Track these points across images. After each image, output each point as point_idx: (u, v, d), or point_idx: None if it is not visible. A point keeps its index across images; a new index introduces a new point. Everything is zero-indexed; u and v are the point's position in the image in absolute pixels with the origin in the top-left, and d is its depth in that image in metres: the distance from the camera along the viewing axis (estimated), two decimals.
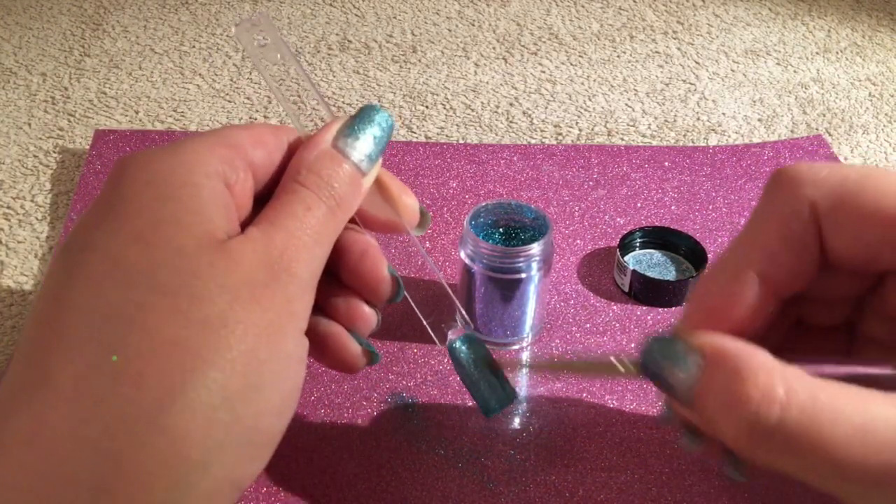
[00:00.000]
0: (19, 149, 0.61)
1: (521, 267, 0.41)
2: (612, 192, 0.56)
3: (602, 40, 0.78)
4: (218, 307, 0.23)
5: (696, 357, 0.22)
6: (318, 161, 0.27)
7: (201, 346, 0.22)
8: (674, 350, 0.23)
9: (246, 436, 0.23)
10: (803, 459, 0.20)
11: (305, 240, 0.25)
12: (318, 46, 0.75)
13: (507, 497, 0.37)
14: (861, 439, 0.20)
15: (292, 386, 0.25)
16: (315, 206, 0.26)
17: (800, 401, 0.20)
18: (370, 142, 0.29)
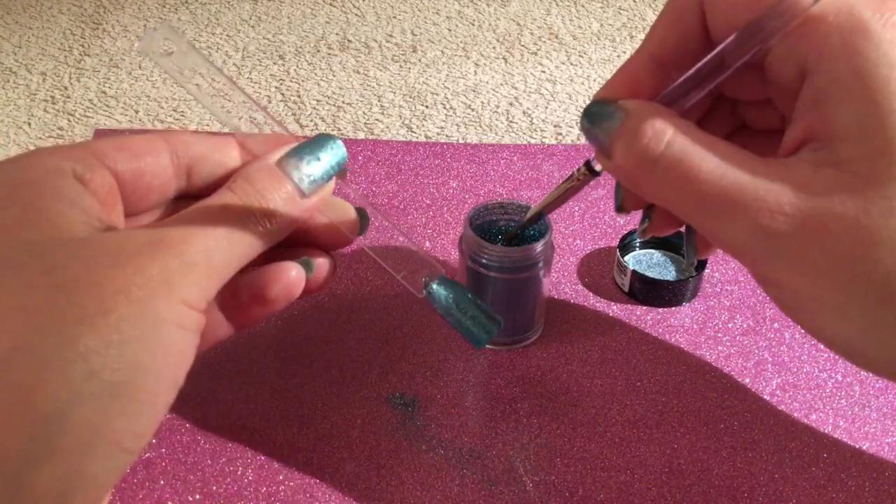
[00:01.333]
0: (19, 148, 0.61)
1: (522, 267, 0.41)
2: (612, 192, 0.56)
3: (602, 40, 0.78)
4: (71, 272, 0.23)
5: (621, 112, 0.27)
6: (255, 173, 0.28)
7: (50, 306, 0.22)
8: (606, 108, 0.28)
9: (109, 390, 0.23)
10: (675, 188, 0.25)
11: (206, 227, 0.25)
12: (318, 46, 0.75)
13: (507, 497, 0.37)
14: (721, 175, 0.24)
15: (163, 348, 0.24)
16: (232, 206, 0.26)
17: (680, 141, 0.25)
18: (316, 166, 0.29)
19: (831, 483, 0.38)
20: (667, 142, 0.25)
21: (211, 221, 0.26)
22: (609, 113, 0.27)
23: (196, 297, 0.25)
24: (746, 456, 0.39)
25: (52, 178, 0.25)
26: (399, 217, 0.54)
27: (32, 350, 0.22)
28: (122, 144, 0.28)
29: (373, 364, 0.43)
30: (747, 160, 0.25)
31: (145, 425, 0.24)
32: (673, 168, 0.25)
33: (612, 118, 0.27)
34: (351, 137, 0.63)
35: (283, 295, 0.30)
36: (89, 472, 0.23)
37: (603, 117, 0.27)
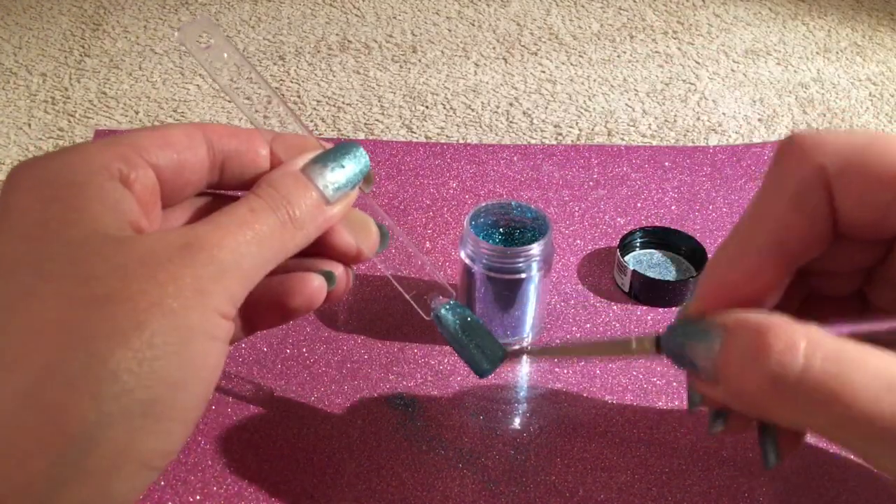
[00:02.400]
0: (19, 149, 0.61)
1: (522, 267, 0.41)
2: (612, 192, 0.56)
3: (602, 40, 0.78)
4: (107, 285, 0.22)
5: (718, 331, 0.22)
6: (281, 179, 0.28)
7: (83, 322, 0.22)
8: (696, 327, 0.23)
9: (141, 410, 0.22)
10: (828, 412, 0.20)
11: (236, 232, 0.25)
12: (318, 46, 0.75)
13: (508, 497, 0.37)
14: (887, 392, 0.19)
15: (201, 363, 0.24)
16: (261, 211, 0.26)
17: (824, 350, 0.20)
18: (340, 173, 0.29)
19: (832, 483, 0.38)
20: (805, 355, 0.20)
21: (240, 226, 0.25)
22: (699, 333, 0.23)
23: (227, 305, 0.25)
24: (747, 456, 0.39)
25: (97, 177, 0.24)
26: (399, 217, 0.54)
27: (63, 369, 0.21)
28: (165, 139, 0.27)
29: (373, 364, 0.43)
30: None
31: (174, 443, 0.24)
32: (821, 390, 0.20)
33: (706, 339, 0.22)
34: (351, 138, 0.63)
35: (304, 306, 0.30)
36: (115, 493, 0.23)
37: (693, 340, 0.23)
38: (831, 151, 0.23)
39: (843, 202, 0.23)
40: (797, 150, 0.24)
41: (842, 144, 0.23)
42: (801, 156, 0.23)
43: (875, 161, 0.22)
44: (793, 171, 0.24)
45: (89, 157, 0.25)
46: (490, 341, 0.33)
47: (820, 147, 0.23)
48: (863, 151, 0.23)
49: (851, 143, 0.23)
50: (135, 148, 0.26)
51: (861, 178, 0.23)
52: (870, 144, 0.23)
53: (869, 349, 0.20)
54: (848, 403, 0.19)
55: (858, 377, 0.19)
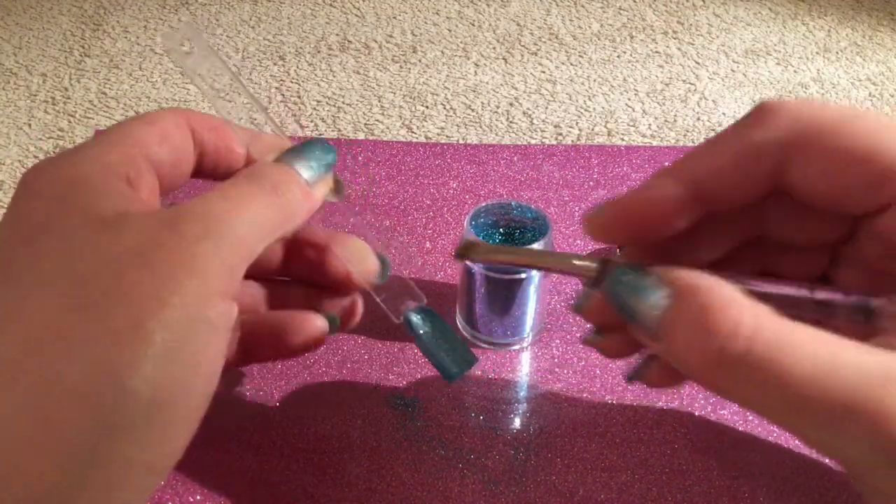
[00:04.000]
0: (19, 149, 0.61)
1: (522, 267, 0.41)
2: (612, 193, 0.56)
3: (602, 40, 0.78)
4: (102, 284, 0.22)
5: (665, 290, 0.22)
6: (265, 166, 0.28)
7: (80, 328, 0.21)
8: (643, 282, 0.23)
9: (142, 415, 0.21)
10: (765, 393, 0.20)
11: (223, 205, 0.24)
12: (318, 46, 0.75)
13: (508, 497, 0.37)
14: (824, 378, 0.19)
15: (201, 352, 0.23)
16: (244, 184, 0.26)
17: (767, 335, 0.20)
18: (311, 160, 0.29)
19: (833, 482, 0.38)
20: (748, 338, 0.20)
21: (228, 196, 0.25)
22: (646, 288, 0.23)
23: (226, 280, 0.23)
24: (747, 456, 0.39)
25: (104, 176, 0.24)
26: (399, 217, 0.54)
27: (63, 381, 0.21)
28: (162, 134, 0.27)
29: (373, 364, 0.43)
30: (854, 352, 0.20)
31: (179, 445, 0.24)
32: (760, 372, 0.20)
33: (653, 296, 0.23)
34: (351, 138, 0.63)
35: (303, 345, 0.30)
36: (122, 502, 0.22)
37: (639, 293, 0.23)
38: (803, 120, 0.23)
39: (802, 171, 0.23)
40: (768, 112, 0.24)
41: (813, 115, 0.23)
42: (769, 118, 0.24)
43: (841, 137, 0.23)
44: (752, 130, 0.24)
45: (98, 158, 0.25)
46: (459, 346, 0.33)
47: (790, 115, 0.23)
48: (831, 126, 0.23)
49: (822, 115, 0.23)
50: (138, 146, 0.26)
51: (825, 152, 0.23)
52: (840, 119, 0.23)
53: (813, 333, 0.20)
54: (785, 387, 0.20)
55: (796, 362, 0.20)
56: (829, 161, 0.23)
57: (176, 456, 0.24)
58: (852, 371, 0.19)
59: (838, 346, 0.20)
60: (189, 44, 0.28)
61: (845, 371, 0.19)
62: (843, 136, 0.23)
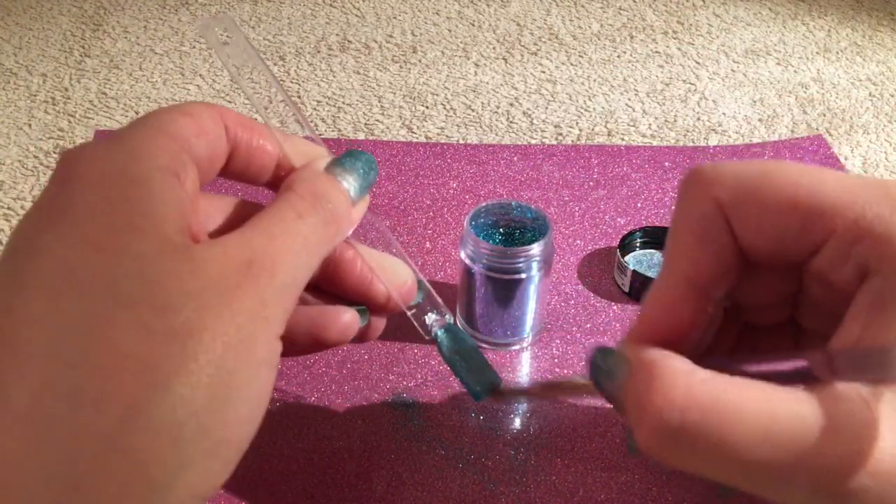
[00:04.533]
0: (19, 150, 0.61)
1: (522, 267, 0.41)
2: (612, 192, 0.56)
3: (602, 40, 0.78)
4: (183, 316, 0.21)
5: (624, 369, 0.23)
6: (315, 178, 0.28)
7: (165, 360, 0.21)
8: (608, 361, 0.24)
9: (212, 450, 0.22)
10: (709, 460, 0.21)
11: (290, 244, 0.25)
12: (318, 46, 0.75)
13: (507, 497, 0.37)
14: (763, 438, 0.20)
15: (262, 393, 0.24)
16: (307, 215, 0.26)
17: (700, 403, 0.20)
18: (358, 174, 0.29)
19: None
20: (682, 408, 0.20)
21: (293, 236, 0.25)
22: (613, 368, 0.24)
23: (283, 325, 0.24)
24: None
25: (160, 175, 0.24)
26: (399, 217, 0.54)
27: (148, 412, 0.21)
28: (200, 127, 0.26)
29: (373, 364, 0.43)
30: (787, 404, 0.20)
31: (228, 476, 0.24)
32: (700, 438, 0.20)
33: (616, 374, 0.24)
34: (351, 138, 0.63)
35: (336, 338, 0.30)
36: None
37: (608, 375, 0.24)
38: (727, 183, 0.24)
39: (743, 233, 0.24)
40: (695, 184, 0.24)
41: (737, 176, 0.24)
42: (699, 190, 0.24)
43: (768, 190, 0.23)
44: (693, 206, 0.24)
45: (150, 152, 0.24)
46: (484, 368, 0.34)
47: (716, 180, 0.24)
48: (757, 182, 0.23)
49: (746, 174, 0.24)
50: (180, 139, 0.25)
51: (756, 209, 0.23)
52: (762, 174, 0.23)
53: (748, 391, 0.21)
54: (724, 453, 0.20)
55: (732, 427, 0.20)
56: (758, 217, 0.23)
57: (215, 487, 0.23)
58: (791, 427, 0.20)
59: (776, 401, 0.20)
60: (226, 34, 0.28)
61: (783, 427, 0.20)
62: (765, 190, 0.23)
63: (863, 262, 0.22)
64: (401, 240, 0.52)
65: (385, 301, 0.32)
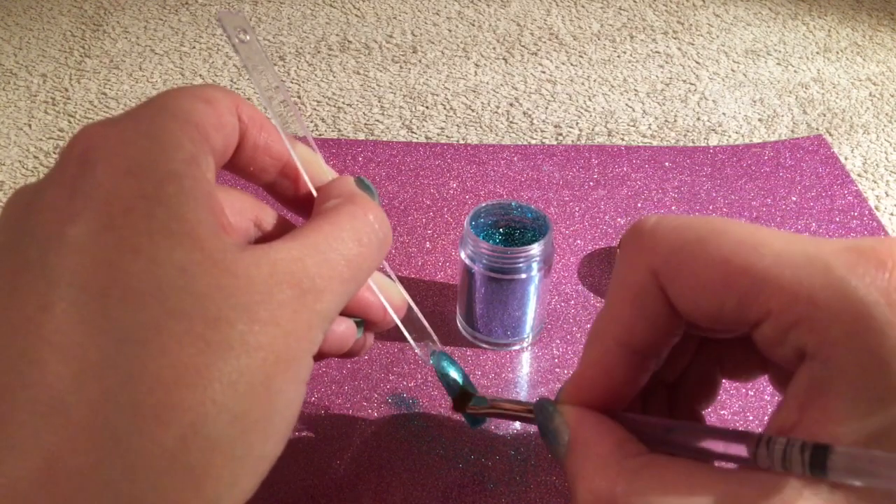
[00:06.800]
0: (20, 150, 0.61)
1: (522, 267, 0.41)
2: (612, 192, 0.56)
3: (602, 40, 0.78)
4: (238, 329, 0.21)
5: (564, 434, 0.25)
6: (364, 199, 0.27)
7: (222, 374, 0.21)
8: (550, 423, 0.25)
9: (254, 466, 0.22)
10: None
11: (342, 270, 0.24)
12: (318, 47, 0.75)
13: (508, 497, 0.37)
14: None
15: (297, 410, 0.24)
16: (367, 244, 0.25)
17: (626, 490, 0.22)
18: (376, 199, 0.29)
19: None
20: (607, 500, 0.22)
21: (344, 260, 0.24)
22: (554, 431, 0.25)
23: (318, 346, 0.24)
24: None
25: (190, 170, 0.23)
26: (399, 217, 0.54)
27: (206, 428, 0.20)
28: (219, 119, 0.25)
29: (373, 364, 0.43)
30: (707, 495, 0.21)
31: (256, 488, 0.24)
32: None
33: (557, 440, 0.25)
34: (351, 138, 0.63)
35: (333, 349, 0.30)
36: None
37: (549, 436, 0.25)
38: (661, 252, 0.23)
39: (677, 301, 0.23)
40: (633, 248, 0.24)
41: (672, 244, 0.23)
42: (635, 256, 0.24)
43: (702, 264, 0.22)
44: (629, 272, 0.24)
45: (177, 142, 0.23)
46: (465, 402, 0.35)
47: (651, 247, 0.23)
48: (692, 253, 0.23)
49: (682, 241, 0.23)
50: (201, 129, 0.24)
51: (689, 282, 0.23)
52: (699, 243, 0.23)
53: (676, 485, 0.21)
54: None
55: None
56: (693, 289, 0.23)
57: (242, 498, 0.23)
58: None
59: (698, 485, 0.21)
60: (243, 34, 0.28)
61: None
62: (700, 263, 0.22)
63: (800, 346, 0.21)
64: (401, 240, 0.52)
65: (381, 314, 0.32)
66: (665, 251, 0.23)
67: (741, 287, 0.21)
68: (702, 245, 0.22)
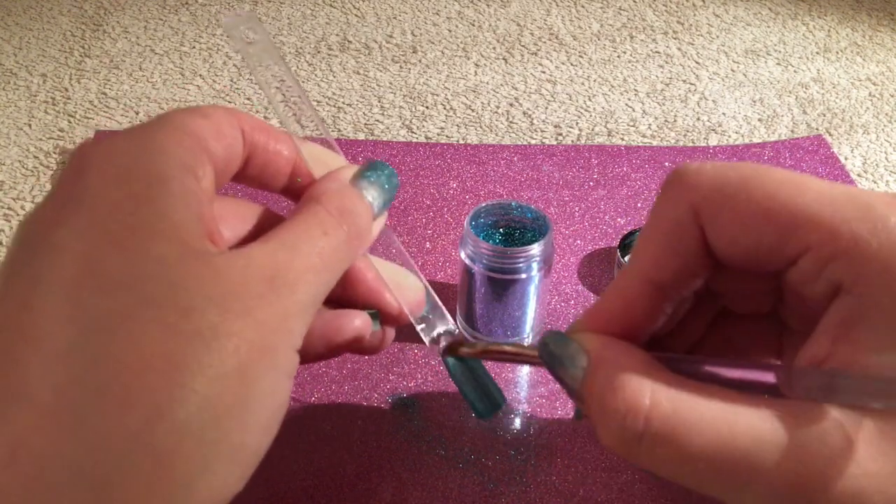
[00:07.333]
0: (20, 150, 0.61)
1: (522, 267, 0.41)
2: (612, 192, 0.56)
3: (602, 40, 0.78)
4: (209, 319, 0.22)
5: (582, 359, 0.24)
6: (343, 192, 0.27)
7: (191, 360, 0.21)
8: (564, 350, 0.24)
9: (231, 455, 0.22)
10: (668, 467, 0.21)
11: (314, 261, 0.25)
12: (318, 47, 0.75)
13: (508, 497, 0.37)
14: (721, 446, 0.20)
15: (280, 403, 0.24)
16: (333, 234, 0.26)
17: (661, 414, 0.21)
18: (382, 188, 0.29)
19: None
20: (645, 417, 0.21)
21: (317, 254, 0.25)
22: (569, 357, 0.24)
23: (301, 339, 0.24)
24: None
25: (180, 175, 0.23)
26: (399, 217, 0.54)
27: (173, 412, 0.20)
28: (218, 129, 0.26)
29: (373, 364, 0.43)
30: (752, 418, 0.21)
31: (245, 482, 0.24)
32: (660, 445, 0.21)
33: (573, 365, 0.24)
34: (351, 138, 0.63)
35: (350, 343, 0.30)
36: None
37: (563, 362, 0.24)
38: (704, 189, 0.24)
39: (715, 241, 0.24)
40: (674, 186, 0.24)
41: (715, 181, 0.24)
42: (676, 193, 0.24)
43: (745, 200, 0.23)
44: (668, 208, 0.24)
45: (169, 149, 0.24)
46: (490, 385, 0.34)
47: (694, 185, 0.24)
48: (735, 190, 0.23)
49: (725, 180, 0.23)
50: (198, 139, 0.25)
51: (731, 218, 0.23)
52: (743, 182, 0.23)
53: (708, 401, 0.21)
54: (684, 461, 0.21)
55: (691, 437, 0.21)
56: (734, 225, 0.23)
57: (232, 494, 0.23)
58: (749, 440, 0.20)
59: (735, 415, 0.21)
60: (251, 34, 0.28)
61: (741, 441, 0.20)
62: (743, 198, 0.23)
63: (836, 280, 0.22)
64: (401, 240, 0.52)
65: (396, 312, 0.32)
66: (708, 188, 0.24)
67: (783, 222, 0.22)
68: (745, 183, 0.23)
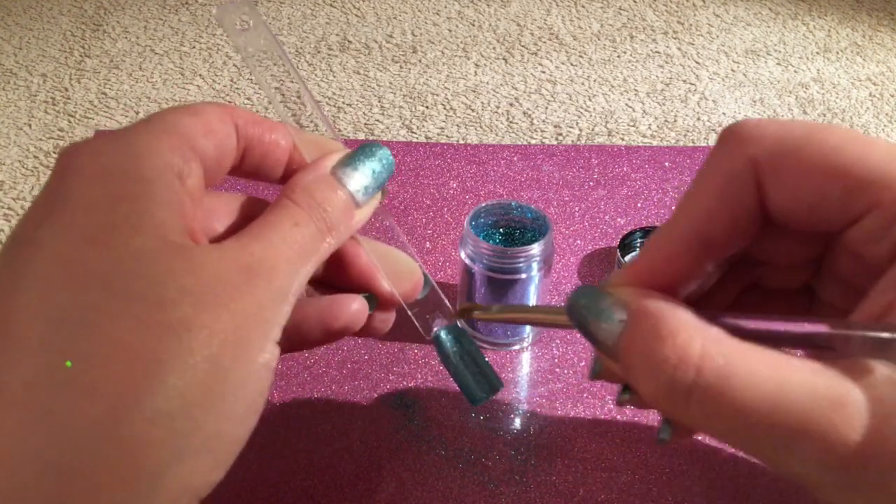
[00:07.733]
0: (19, 150, 0.61)
1: (521, 267, 0.41)
2: (612, 192, 0.56)
3: (602, 40, 0.78)
4: (180, 311, 0.22)
5: (620, 312, 0.22)
6: (314, 183, 0.27)
7: (161, 351, 0.21)
8: (599, 303, 0.23)
9: (205, 445, 0.22)
10: (718, 421, 0.20)
11: (287, 252, 0.25)
12: (318, 47, 0.75)
13: (508, 497, 0.37)
14: (773, 403, 0.19)
15: (257, 394, 0.24)
16: (303, 224, 0.26)
17: (714, 364, 0.20)
18: (368, 175, 0.28)
19: None
20: (697, 367, 0.20)
21: (289, 244, 0.25)
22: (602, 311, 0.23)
23: (280, 330, 0.24)
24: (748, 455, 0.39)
25: (163, 175, 0.24)
26: (399, 217, 0.54)
27: (141, 401, 0.21)
28: (207, 126, 0.26)
29: (373, 364, 0.43)
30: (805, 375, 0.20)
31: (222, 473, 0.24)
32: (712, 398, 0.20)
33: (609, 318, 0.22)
34: (351, 138, 0.63)
35: (346, 327, 0.30)
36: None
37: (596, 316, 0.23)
38: (767, 142, 0.23)
39: (776, 195, 0.23)
40: (733, 139, 0.24)
41: (778, 135, 0.23)
42: (735, 145, 0.24)
43: (811, 154, 0.22)
44: (724, 160, 0.24)
45: (152, 150, 0.24)
46: (486, 370, 0.33)
47: (756, 139, 0.23)
48: (800, 143, 0.23)
49: (790, 133, 0.23)
50: (185, 138, 0.25)
51: (795, 172, 0.23)
52: (805, 137, 0.23)
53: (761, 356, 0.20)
54: (733, 416, 0.20)
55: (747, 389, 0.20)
56: (798, 179, 0.23)
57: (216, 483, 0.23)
58: (803, 395, 0.19)
59: (789, 369, 0.20)
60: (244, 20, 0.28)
61: (796, 395, 0.19)
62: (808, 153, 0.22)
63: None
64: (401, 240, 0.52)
65: (388, 295, 0.32)
66: (770, 142, 0.23)
67: (851, 178, 0.22)
68: (809, 138, 0.22)
